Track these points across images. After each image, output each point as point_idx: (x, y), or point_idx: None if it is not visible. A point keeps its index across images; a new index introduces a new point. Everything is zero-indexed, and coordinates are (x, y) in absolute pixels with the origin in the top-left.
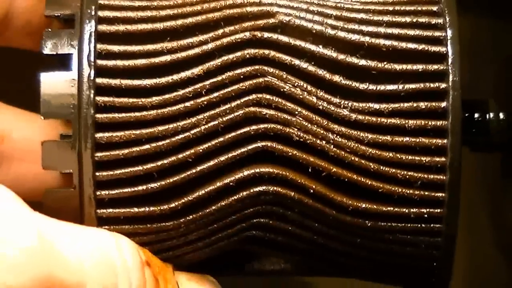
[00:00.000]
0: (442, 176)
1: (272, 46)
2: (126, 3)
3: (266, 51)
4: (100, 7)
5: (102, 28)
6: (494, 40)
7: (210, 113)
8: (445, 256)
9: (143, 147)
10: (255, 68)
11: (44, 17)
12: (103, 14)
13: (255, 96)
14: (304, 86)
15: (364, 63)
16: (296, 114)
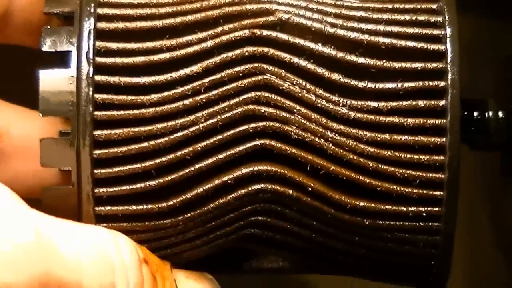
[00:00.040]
0: (441, 174)
1: (271, 44)
2: (125, 0)
3: (265, 49)
4: (99, 5)
5: (101, 25)
6: (494, 40)
7: (208, 111)
8: (443, 255)
9: (142, 145)
10: (254, 66)
11: (44, 14)
12: (102, 11)
13: (254, 94)
14: (303, 84)
15: (363, 61)
16: (295, 112)
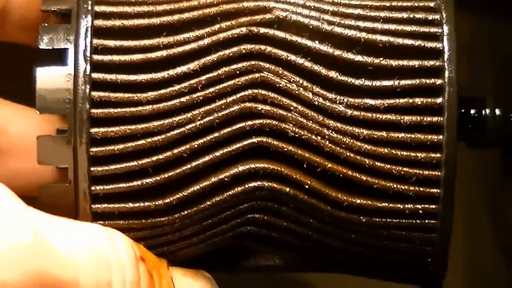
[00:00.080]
0: (437, 172)
1: (268, 42)
2: None
3: (262, 47)
4: (97, 2)
5: (99, 23)
6: (494, 40)
7: (205, 108)
8: (439, 252)
9: (139, 142)
10: (251, 63)
11: (41, 12)
12: (100, 9)
13: (250, 91)
14: (300, 82)
15: (360, 58)
16: (292, 109)
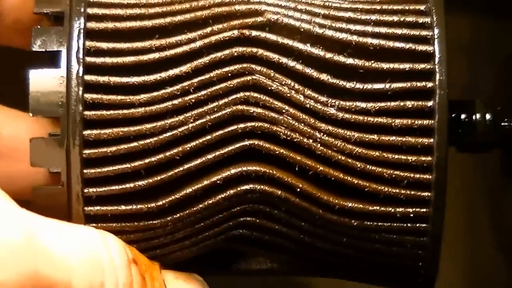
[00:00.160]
0: (428, 175)
1: (260, 45)
2: (115, 0)
3: (254, 49)
4: (89, 5)
5: (91, 25)
6: (494, 40)
7: (197, 111)
8: (431, 256)
9: (131, 145)
10: (243, 66)
11: (33, 14)
12: (92, 11)
13: (242, 94)
14: (292, 85)
15: (351, 61)
16: (284, 112)
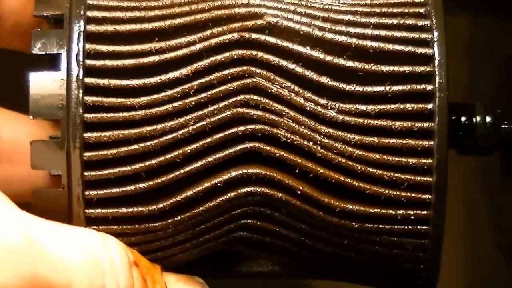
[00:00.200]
0: (429, 177)
1: (259, 47)
2: (114, 3)
3: (253, 52)
4: (89, 7)
5: (91, 28)
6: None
7: (198, 113)
8: (431, 258)
9: (131, 147)
10: (243, 69)
11: (33, 17)
12: (92, 14)
13: (242, 96)
14: (292, 87)
15: (351, 64)
16: (284, 115)
